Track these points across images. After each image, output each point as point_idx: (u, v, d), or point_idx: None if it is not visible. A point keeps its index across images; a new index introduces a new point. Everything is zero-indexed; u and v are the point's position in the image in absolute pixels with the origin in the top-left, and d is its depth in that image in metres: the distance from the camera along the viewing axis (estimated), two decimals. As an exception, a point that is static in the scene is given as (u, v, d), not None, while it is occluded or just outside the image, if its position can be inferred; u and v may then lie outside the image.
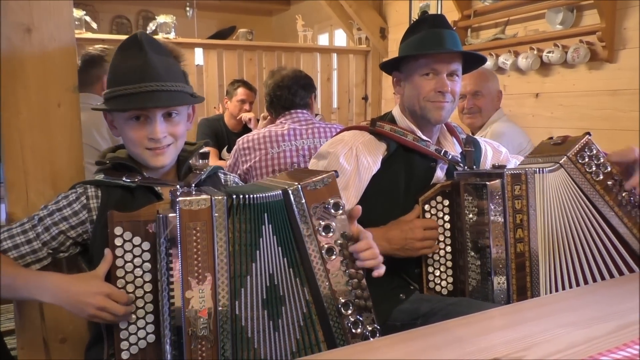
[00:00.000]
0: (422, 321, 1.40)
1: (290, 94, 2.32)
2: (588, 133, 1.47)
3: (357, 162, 1.54)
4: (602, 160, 1.44)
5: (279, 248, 1.10)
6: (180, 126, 1.26)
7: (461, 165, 1.61)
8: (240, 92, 3.56)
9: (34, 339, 1.38)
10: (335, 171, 1.14)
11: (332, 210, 1.12)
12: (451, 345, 0.93)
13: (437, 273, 1.52)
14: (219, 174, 1.40)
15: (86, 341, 1.28)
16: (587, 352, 0.88)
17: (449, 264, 1.51)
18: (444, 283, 1.52)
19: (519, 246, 1.40)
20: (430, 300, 1.46)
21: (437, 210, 1.51)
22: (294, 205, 1.10)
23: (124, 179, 1.22)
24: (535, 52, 2.99)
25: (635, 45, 2.56)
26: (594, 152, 1.44)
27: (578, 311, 1.07)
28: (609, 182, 1.43)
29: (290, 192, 1.10)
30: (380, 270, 1.15)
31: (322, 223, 1.11)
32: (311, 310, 1.11)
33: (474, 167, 1.65)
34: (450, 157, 1.59)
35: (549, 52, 2.89)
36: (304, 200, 1.10)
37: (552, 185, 1.42)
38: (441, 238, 1.51)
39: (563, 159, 1.43)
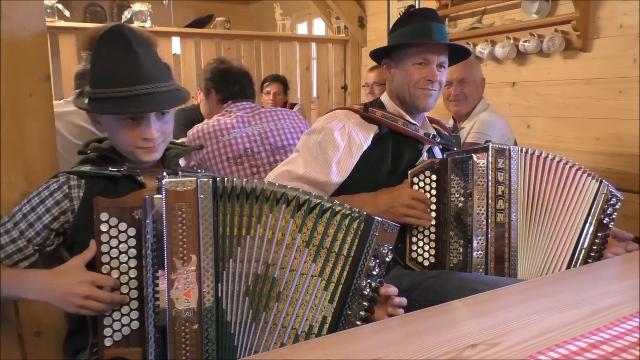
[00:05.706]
0: (404, 297, 1.42)
1: (240, 87, 2.38)
2: None
3: (349, 138, 1.59)
4: None
5: (306, 249, 1.10)
6: (170, 123, 1.28)
7: (450, 147, 1.70)
8: None
9: (8, 333, 1.36)
10: (397, 225, 1.15)
11: (385, 253, 1.14)
12: (429, 332, 0.94)
13: (420, 244, 1.55)
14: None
15: (63, 334, 1.27)
16: (562, 337, 0.90)
17: (432, 236, 1.55)
18: (426, 254, 1.55)
19: (499, 216, 1.46)
20: (410, 275, 1.49)
21: (425, 184, 1.55)
22: (370, 235, 1.12)
23: (110, 168, 1.22)
24: (511, 41, 3.01)
25: (608, 34, 2.59)
26: None
27: (552, 297, 1.09)
28: None
29: (375, 220, 1.12)
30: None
31: (372, 264, 1.13)
32: (323, 326, 1.10)
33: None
34: (438, 139, 1.68)
35: (525, 41, 2.91)
36: (376, 234, 1.12)
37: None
38: None
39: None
